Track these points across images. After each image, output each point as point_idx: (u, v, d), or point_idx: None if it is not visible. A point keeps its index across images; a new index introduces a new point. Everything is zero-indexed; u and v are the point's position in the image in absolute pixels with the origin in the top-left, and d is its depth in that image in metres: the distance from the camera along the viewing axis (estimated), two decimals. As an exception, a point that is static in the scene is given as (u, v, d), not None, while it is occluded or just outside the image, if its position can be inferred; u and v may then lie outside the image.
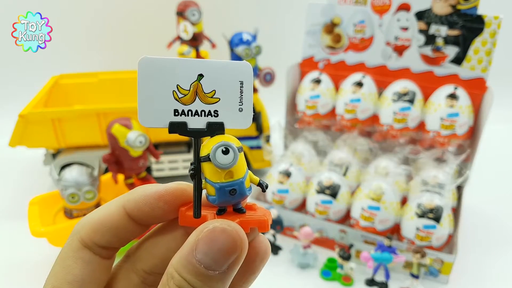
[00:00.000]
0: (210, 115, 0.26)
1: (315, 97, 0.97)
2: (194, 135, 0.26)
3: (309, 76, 1.00)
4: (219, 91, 0.26)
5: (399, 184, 0.84)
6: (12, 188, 1.06)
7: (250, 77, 0.26)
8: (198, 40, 1.01)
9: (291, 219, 0.86)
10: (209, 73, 0.26)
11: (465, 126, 0.85)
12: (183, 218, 0.26)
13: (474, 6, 0.84)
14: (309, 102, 0.98)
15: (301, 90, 1.00)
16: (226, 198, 0.25)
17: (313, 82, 0.98)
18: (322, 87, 0.97)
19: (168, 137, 1.02)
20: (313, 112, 0.98)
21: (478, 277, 0.77)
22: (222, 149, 0.25)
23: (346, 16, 0.95)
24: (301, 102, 1.00)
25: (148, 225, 0.27)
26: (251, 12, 1.48)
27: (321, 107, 0.97)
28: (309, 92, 0.98)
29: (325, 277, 0.76)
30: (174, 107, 0.25)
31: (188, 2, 0.97)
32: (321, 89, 0.97)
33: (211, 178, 0.25)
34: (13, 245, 0.84)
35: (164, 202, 0.26)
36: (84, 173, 0.73)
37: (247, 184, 0.26)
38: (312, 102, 0.97)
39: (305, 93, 0.98)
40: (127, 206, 0.26)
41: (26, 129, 0.93)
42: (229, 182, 0.25)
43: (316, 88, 0.97)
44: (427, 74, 0.90)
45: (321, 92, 0.97)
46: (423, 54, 0.90)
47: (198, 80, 0.25)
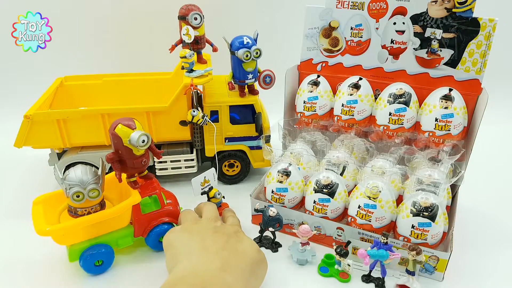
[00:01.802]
0: None
1: (313, 99, 0.99)
2: None
3: (307, 78, 1.02)
4: None
5: (395, 183, 0.86)
6: (17, 188, 1.08)
7: None
8: (200, 43, 1.03)
9: (290, 217, 0.88)
10: None
11: (459, 127, 0.87)
12: None
13: (470, 9, 0.86)
14: (307, 103, 1.00)
15: (300, 92, 1.03)
16: None
17: (311, 84, 1.01)
18: (320, 89, 1.00)
19: (170, 137, 1.05)
20: (311, 113, 1.01)
21: (473, 274, 0.78)
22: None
23: (344, 19, 0.97)
24: (300, 104, 1.02)
25: None
26: (251, 16, 1.51)
27: (319, 108, 1.00)
28: (307, 94, 1.00)
29: (323, 273, 0.78)
30: None
31: (190, 6, 0.99)
32: (319, 91, 1.00)
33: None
34: (18, 244, 0.86)
35: None
36: (88, 172, 0.74)
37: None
38: (311, 103, 1.00)
39: (304, 94, 1.01)
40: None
41: (31, 129, 0.95)
42: None
43: (314, 90, 1.00)
44: (422, 76, 0.92)
45: (319, 94, 0.99)
46: (419, 57, 0.92)
47: None
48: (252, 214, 0.92)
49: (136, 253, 0.84)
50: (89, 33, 1.48)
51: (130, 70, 1.26)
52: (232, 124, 1.04)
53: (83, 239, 0.77)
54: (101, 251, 0.77)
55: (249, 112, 1.05)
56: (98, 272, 0.78)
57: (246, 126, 1.05)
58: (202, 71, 1.00)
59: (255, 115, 1.04)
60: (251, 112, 1.05)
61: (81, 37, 1.48)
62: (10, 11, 1.09)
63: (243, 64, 0.99)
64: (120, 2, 1.43)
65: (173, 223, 0.85)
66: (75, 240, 0.76)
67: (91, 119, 0.96)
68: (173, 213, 0.85)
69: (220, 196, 0.95)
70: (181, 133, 1.03)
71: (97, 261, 0.77)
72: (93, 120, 0.97)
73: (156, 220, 0.82)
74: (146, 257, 0.83)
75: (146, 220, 0.82)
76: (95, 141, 1.00)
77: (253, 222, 0.94)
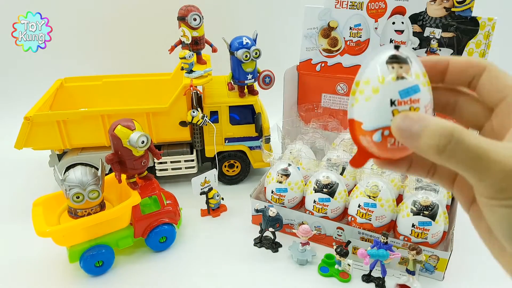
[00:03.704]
0: None
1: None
2: None
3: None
4: None
5: (394, 182, 0.86)
6: (18, 190, 1.08)
7: None
8: (200, 44, 1.04)
9: (290, 217, 0.88)
10: None
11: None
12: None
13: (469, 8, 0.86)
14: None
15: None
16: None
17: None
18: (290, 180, 0.87)
19: (170, 138, 1.05)
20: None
21: (473, 273, 0.78)
22: None
23: (343, 20, 0.97)
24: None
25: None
26: (251, 16, 1.51)
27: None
28: (275, 184, 0.88)
29: (323, 273, 0.78)
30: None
31: (189, 7, 0.99)
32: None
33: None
34: (18, 245, 0.86)
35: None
36: (88, 173, 0.75)
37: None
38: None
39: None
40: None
41: (31, 131, 0.95)
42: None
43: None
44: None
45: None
46: (418, 56, 0.92)
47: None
48: (252, 214, 0.92)
49: (136, 253, 0.84)
50: (88, 33, 1.48)
51: (130, 71, 1.26)
52: (232, 124, 1.04)
53: (83, 240, 0.77)
54: (101, 252, 0.77)
55: (249, 112, 1.05)
56: (99, 273, 0.78)
57: (246, 127, 1.05)
58: (202, 72, 1.00)
59: (254, 116, 1.04)
60: (251, 113, 1.05)
61: (80, 38, 1.48)
62: (10, 11, 1.10)
63: (243, 64, 0.99)
64: (120, 3, 1.44)
65: (173, 224, 0.85)
66: (75, 241, 0.76)
67: (91, 120, 0.97)
68: (173, 213, 0.85)
69: (219, 197, 0.95)
70: (181, 134, 1.03)
71: (97, 262, 0.77)
72: (93, 121, 0.97)
73: (156, 220, 0.83)
74: (146, 258, 0.83)
75: (146, 220, 0.82)
76: (95, 142, 1.00)
77: (253, 222, 0.94)
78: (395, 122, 0.26)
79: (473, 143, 0.24)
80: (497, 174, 0.23)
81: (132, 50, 1.50)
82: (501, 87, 0.28)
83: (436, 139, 0.24)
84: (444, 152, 0.24)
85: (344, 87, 1.03)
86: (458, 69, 0.30)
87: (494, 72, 0.29)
